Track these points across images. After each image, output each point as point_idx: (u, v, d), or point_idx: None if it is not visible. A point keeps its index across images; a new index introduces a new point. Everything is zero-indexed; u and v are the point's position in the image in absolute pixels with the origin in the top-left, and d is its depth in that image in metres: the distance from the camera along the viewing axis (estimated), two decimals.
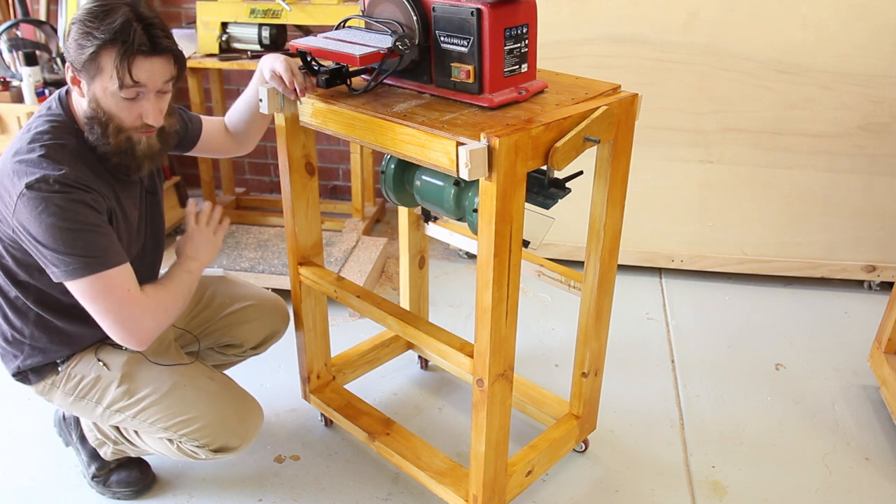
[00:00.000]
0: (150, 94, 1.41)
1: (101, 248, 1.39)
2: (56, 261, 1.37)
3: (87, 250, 1.37)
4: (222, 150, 1.83)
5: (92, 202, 1.39)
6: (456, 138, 1.27)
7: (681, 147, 2.59)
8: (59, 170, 1.36)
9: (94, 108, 1.40)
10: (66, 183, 1.36)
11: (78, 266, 1.37)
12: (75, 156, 1.42)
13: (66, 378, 1.59)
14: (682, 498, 1.81)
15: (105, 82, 1.37)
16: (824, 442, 2.00)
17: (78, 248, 1.36)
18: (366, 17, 1.51)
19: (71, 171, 1.38)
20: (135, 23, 1.34)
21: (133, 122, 1.43)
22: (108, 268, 1.39)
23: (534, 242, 1.56)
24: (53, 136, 1.41)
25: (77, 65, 1.37)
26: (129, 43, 1.33)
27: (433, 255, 2.95)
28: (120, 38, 1.33)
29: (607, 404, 2.09)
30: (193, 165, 3.15)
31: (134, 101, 1.41)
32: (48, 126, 1.43)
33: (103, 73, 1.36)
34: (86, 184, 1.39)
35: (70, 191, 1.36)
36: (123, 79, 1.35)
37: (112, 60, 1.34)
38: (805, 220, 2.64)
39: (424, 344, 1.56)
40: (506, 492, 1.64)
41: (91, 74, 1.37)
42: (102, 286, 1.40)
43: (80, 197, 1.37)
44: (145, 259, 1.66)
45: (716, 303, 2.66)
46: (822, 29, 2.37)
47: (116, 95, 1.38)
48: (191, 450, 1.61)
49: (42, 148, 1.39)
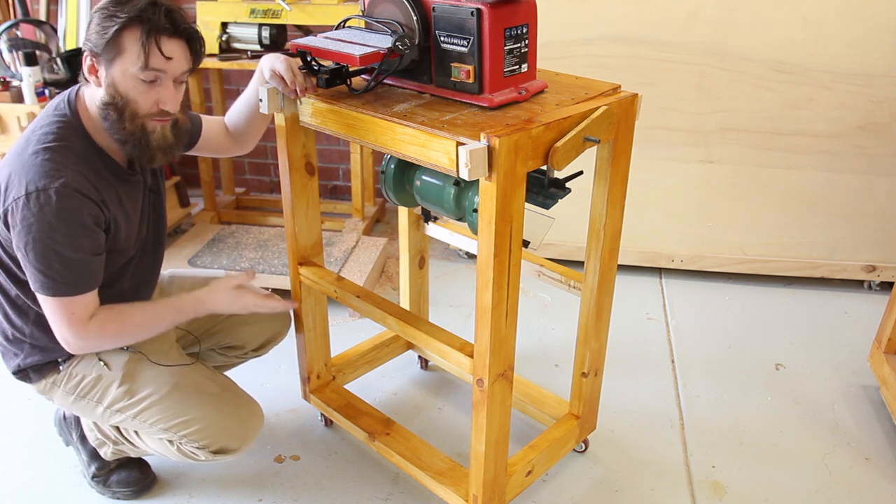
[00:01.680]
0: (168, 79, 1.42)
1: (74, 275, 1.42)
2: (31, 271, 1.41)
3: (59, 274, 1.40)
4: (222, 150, 1.83)
5: (88, 216, 1.40)
6: (456, 138, 1.27)
7: (681, 147, 2.59)
8: (59, 177, 1.37)
9: (112, 94, 1.41)
10: (65, 194, 1.37)
11: (48, 285, 1.41)
12: (79, 158, 1.43)
13: (67, 377, 1.60)
14: (682, 498, 1.81)
15: (126, 63, 1.38)
16: (824, 442, 2.00)
17: (53, 269, 1.40)
18: (366, 17, 1.51)
19: (72, 179, 1.38)
20: (157, 6, 1.38)
21: (149, 107, 1.44)
22: (71, 295, 1.43)
23: (534, 242, 1.56)
24: (58, 138, 1.42)
25: (98, 48, 1.38)
26: (153, 22, 1.36)
27: (433, 255, 2.95)
28: (145, 16, 1.36)
29: (607, 404, 2.09)
30: (193, 165, 3.15)
31: (152, 86, 1.42)
32: (54, 126, 1.43)
33: (125, 53, 1.38)
34: (85, 193, 1.40)
35: (66, 204, 1.37)
36: (149, 55, 1.37)
37: (136, 39, 1.37)
38: (805, 220, 2.64)
39: (424, 344, 1.56)
40: (506, 492, 1.64)
41: (111, 57, 1.38)
42: (57, 307, 1.44)
43: (74, 214, 1.38)
44: (146, 257, 1.67)
45: (716, 303, 2.66)
46: (822, 29, 2.37)
47: (136, 78, 1.39)
48: (191, 451, 1.61)
49: (46, 151, 1.39)
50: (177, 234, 3.03)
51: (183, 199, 3.15)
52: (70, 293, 1.42)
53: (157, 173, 1.67)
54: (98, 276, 1.47)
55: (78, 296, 1.44)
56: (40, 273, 1.40)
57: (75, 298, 1.43)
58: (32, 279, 1.42)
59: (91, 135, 1.47)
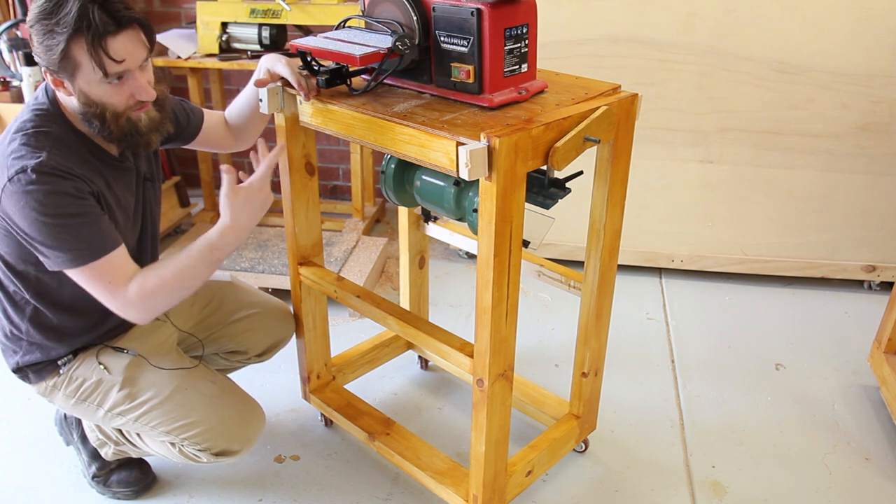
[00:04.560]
0: (133, 72, 1.39)
1: (85, 238, 1.38)
2: (46, 251, 1.39)
3: (72, 243, 1.37)
4: (222, 145, 1.83)
5: (73, 189, 1.38)
6: (456, 138, 1.27)
7: (681, 147, 2.59)
8: (36, 157, 1.35)
9: (86, 102, 1.39)
10: (44, 171, 1.35)
11: (67, 258, 1.38)
12: (58, 142, 1.41)
13: (67, 380, 1.59)
14: (682, 498, 1.81)
15: (87, 76, 1.35)
16: (824, 442, 2.00)
17: (63, 240, 1.37)
18: (366, 17, 1.51)
19: (49, 158, 1.36)
20: (89, 4, 1.30)
21: (126, 103, 1.42)
22: (93, 259, 1.39)
23: (534, 242, 1.56)
24: (36, 125, 1.41)
25: (53, 66, 1.35)
26: (93, 28, 1.30)
27: (433, 255, 2.95)
28: (83, 24, 1.30)
29: (607, 404, 2.09)
30: (193, 165, 3.15)
31: (121, 84, 1.39)
32: (32, 115, 1.43)
33: (81, 67, 1.34)
34: (65, 170, 1.38)
35: (48, 180, 1.35)
36: (104, 65, 1.33)
37: (85, 51, 1.32)
38: (805, 220, 2.64)
39: (424, 344, 1.56)
40: (506, 492, 1.64)
41: (70, 72, 1.35)
42: (91, 278, 1.41)
43: (58, 187, 1.36)
44: (144, 245, 1.66)
45: (716, 303, 2.65)
46: (822, 29, 2.37)
47: (103, 83, 1.37)
48: (192, 453, 1.61)
49: (24, 136, 1.38)
50: (177, 234, 3.03)
51: (183, 199, 3.15)
52: (90, 258, 1.39)
53: (150, 160, 1.65)
54: (112, 235, 1.43)
55: (100, 259, 1.39)
56: (54, 249, 1.37)
57: (100, 263, 1.39)
58: (53, 261, 1.39)
59: (72, 122, 1.46)
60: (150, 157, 1.65)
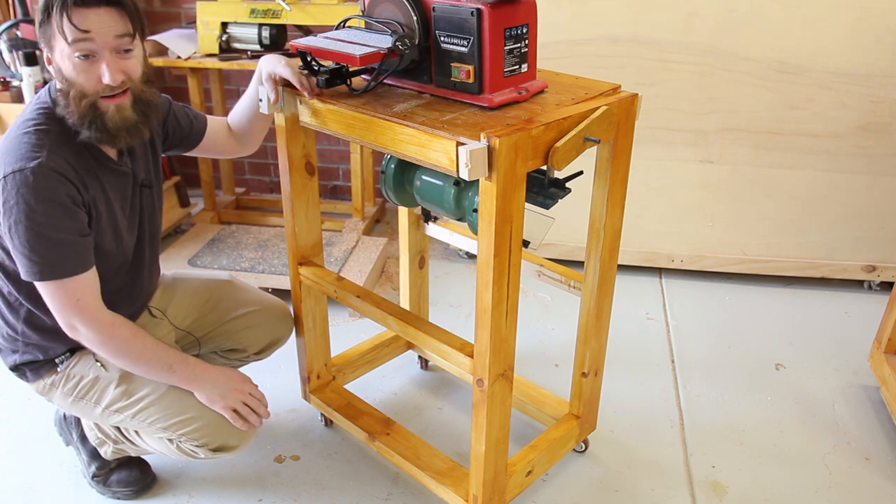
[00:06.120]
0: (104, 51, 1.38)
1: (59, 256, 1.40)
2: (18, 258, 1.40)
3: (44, 257, 1.39)
4: (226, 151, 1.83)
5: (66, 197, 1.38)
6: (456, 138, 1.27)
7: (681, 147, 2.59)
8: (35, 158, 1.36)
9: (60, 79, 1.40)
10: (41, 174, 1.35)
11: (34, 270, 1.40)
12: (57, 142, 1.41)
13: (65, 378, 1.60)
14: (682, 498, 1.81)
15: (59, 45, 1.37)
16: (824, 442, 2.00)
17: (37, 252, 1.38)
18: (366, 17, 1.51)
19: (48, 159, 1.37)
20: None
21: (94, 85, 1.40)
22: (59, 277, 1.41)
23: (534, 242, 1.56)
24: (37, 123, 1.42)
25: (41, 38, 1.38)
26: None
27: (433, 255, 2.95)
28: None
29: (607, 404, 2.09)
30: (193, 165, 3.15)
31: (90, 62, 1.38)
32: (35, 113, 1.44)
33: (55, 36, 1.36)
34: (63, 173, 1.38)
35: (43, 185, 1.35)
36: (64, 31, 1.34)
37: (56, 17, 1.34)
38: (805, 220, 2.64)
39: (424, 344, 1.56)
40: (506, 492, 1.64)
41: (49, 43, 1.38)
42: (55, 293, 1.43)
43: (52, 194, 1.36)
44: (142, 251, 1.66)
45: (716, 303, 2.66)
46: (822, 29, 2.37)
47: (71, 57, 1.37)
48: (190, 449, 1.61)
49: (24, 135, 1.40)
50: (177, 234, 3.03)
51: (183, 199, 3.15)
52: (57, 275, 1.40)
53: (149, 166, 1.65)
54: (87, 257, 1.44)
55: (68, 278, 1.41)
56: (26, 258, 1.39)
57: (68, 282, 1.41)
58: (21, 267, 1.41)
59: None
60: (149, 163, 1.64)
